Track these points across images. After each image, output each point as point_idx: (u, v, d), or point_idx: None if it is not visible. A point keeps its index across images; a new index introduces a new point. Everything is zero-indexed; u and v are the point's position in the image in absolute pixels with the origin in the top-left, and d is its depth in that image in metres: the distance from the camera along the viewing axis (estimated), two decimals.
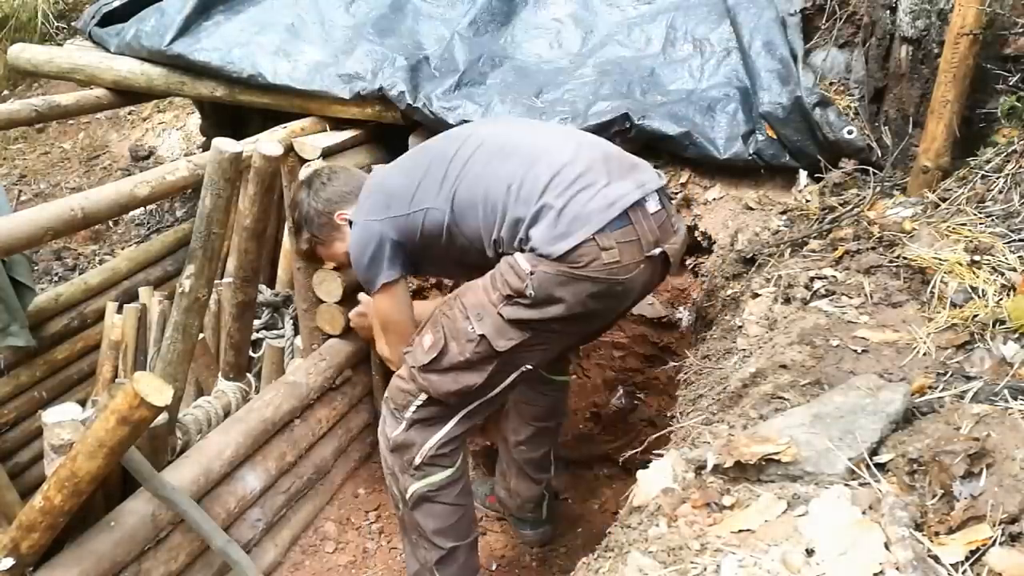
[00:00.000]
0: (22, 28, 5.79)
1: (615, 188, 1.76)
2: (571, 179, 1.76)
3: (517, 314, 1.77)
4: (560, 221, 1.72)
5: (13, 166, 5.36)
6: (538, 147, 1.86)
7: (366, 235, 1.91)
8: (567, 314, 1.76)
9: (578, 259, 1.71)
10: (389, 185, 1.95)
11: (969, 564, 0.88)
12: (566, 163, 1.79)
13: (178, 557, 1.98)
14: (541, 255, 1.73)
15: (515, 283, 1.75)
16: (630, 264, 1.75)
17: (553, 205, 1.74)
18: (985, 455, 0.99)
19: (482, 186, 1.83)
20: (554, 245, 1.71)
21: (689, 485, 1.12)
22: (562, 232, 1.71)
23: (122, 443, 1.55)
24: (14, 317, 2.85)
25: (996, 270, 1.55)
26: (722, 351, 1.84)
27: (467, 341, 1.81)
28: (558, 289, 1.73)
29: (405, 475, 1.98)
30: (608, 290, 1.76)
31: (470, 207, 1.84)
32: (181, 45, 2.92)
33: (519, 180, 1.80)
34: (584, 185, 1.75)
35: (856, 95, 2.40)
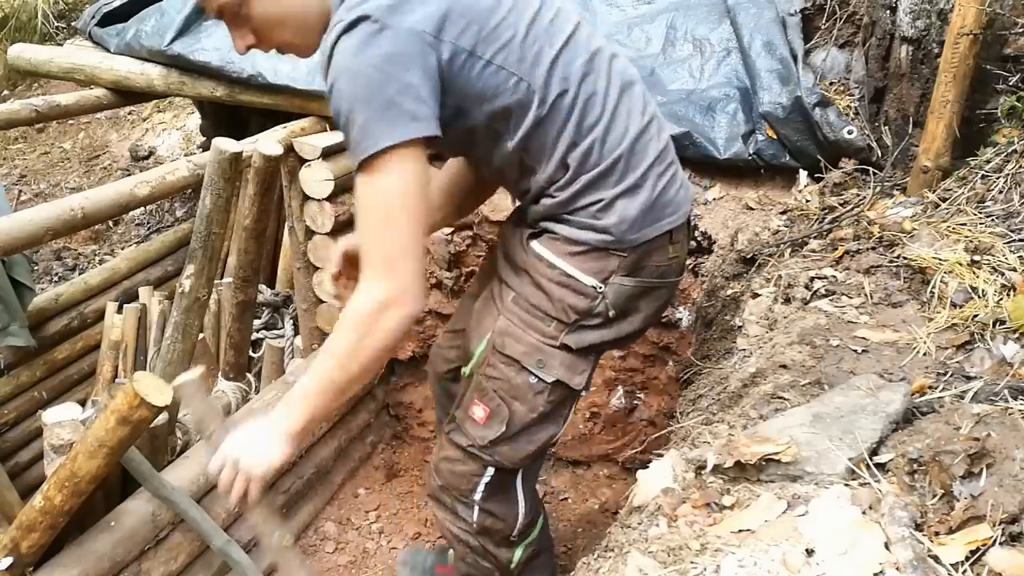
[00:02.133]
0: (22, 28, 5.79)
1: (682, 172, 1.50)
2: (673, 152, 1.47)
3: (588, 339, 1.45)
4: (659, 201, 1.39)
5: (13, 166, 5.36)
6: (637, 90, 1.44)
7: (407, 50, 1.19)
8: (636, 329, 1.50)
9: (648, 252, 1.41)
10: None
11: (969, 564, 0.88)
12: (663, 126, 1.47)
13: (178, 557, 1.98)
14: (608, 236, 1.37)
15: (580, 304, 1.41)
16: (684, 258, 1.53)
17: (657, 177, 1.40)
18: (985, 455, 0.99)
19: (590, 89, 1.35)
20: (641, 230, 1.38)
21: (689, 485, 1.12)
22: (655, 217, 1.39)
23: (122, 443, 1.55)
24: (14, 317, 2.85)
25: (996, 270, 1.55)
26: (722, 351, 1.84)
27: (536, 395, 1.47)
28: (634, 301, 1.45)
29: (504, 548, 1.66)
30: (672, 293, 1.54)
31: (565, 110, 1.33)
32: (181, 45, 2.92)
33: (637, 122, 1.39)
34: (673, 160, 1.47)
35: (856, 95, 2.40)
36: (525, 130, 1.33)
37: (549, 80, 1.31)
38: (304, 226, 2.59)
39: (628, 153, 1.37)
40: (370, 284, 1.24)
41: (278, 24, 1.33)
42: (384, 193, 1.21)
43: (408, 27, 1.19)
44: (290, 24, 1.33)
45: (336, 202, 2.52)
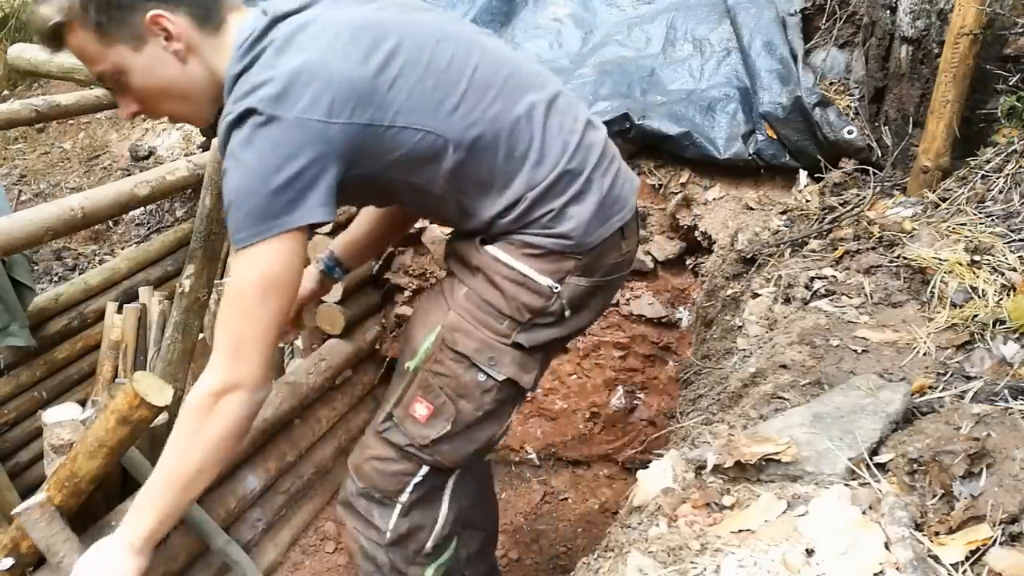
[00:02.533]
0: (22, 28, 5.79)
1: (625, 166, 1.50)
2: (612, 149, 1.46)
3: (540, 337, 1.44)
4: (607, 200, 1.39)
5: (13, 166, 5.36)
6: (561, 101, 1.43)
7: (294, 139, 1.17)
8: (583, 325, 1.53)
9: (603, 252, 1.42)
10: (338, 72, 1.20)
11: (969, 564, 0.88)
12: (597, 124, 1.48)
13: (178, 557, 1.98)
14: (567, 241, 1.37)
15: (535, 303, 1.40)
16: (635, 251, 1.55)
17: (601, 177, 1.40)
18: (985, 455, 0.99)
19: (510, 119, 1.33)
20: (596, 232, 1.38)
21: (689, 485, 1.12)
22: (605, 215, 1.40)
23: (122, 443, 1.55)
24: (14, 317, 2.85)
25: (996, 270, 1.55)
26: (722, 351, 1.84)
27: (483, 393, 1.44)
28: (589, 299, 1.46)
29: (413, 566, 1.57)
30: (618, 289, 1.64)
31: (488, 149, 1.32)
32: None
33: (572, 132, 1.39)
34: (613, 156, 1.46)
35: (856, 95, 2.40)
36: (448, 177, 1.33)
37: (458, 126, 1.29)
38: None
39: (569, 165, 1.36)
40: (212, 370, 1.23)
41: (161, 96, 1.32)
42: (250, 284, 1.21)
43: (296, 116, 1.17)
44: (174, 96, 1.32)
45: None
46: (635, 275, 2.77)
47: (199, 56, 1.29)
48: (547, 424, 2.97)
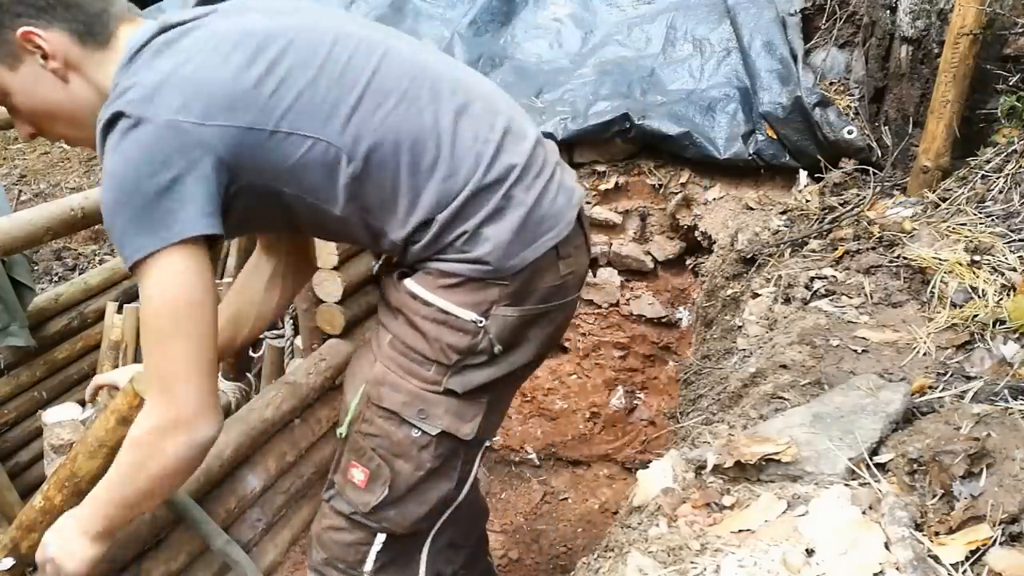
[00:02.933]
0: None
1: (566, 176, 1.33)
2: (541, 159, 1.28)
3: (475, 380, 1.28)
4: (532, 217, 1.23)
5: (13, 166, 5.36)
6: (484, 89, 1.31)
7: (166, 143, 1.06)
8: (528, 360, 1.33)
9: (533, 276, 1.25)
10: (216, 75, 1.11)
11: (969, 564, 0.88)
12: (524, 132, 1.29)
13: (178, 557, 1.98)
14: (484, 267, 1.22)
15: (460, 343, 1.25)
16: (582, 271, 1.36)
17: (525, 192, 1.23)
18: (985, 455, 0.99)
19: (413, 127, 1.19)
20: (519, 254, 1.22)
21: (689, 485, 1.12)
22: (531, 235, 1.23)
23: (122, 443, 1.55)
24: (14, 317, 2.85)
25: (996, 270, 1.55)
26: (722, 351, 1.84)
27: (420, 450, 1.30)
28: (524, 330, 1.29)
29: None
30: (569, 313, 1.38)
31: (388, 161, 1.18)
32: None
33: (483, 137, 1.22)
34: (543, 167, 1.28)
35: (856, 95, 2.40)
36: (347, 194, 1.19)
37: (352, 134, 1.16)
38: None
39: (484, 179, 1.21)
40: (150, 406, 1.14)
41: (48, 118, 1.22)
42: (155, 313, 1.09)
43: (167, 119, 1.06)
44: (62, 118, 1.22)
45: None
46: (635, 275, 2.77)
47: (82, 74, 1.17)
48: (547, 424, 2.97)
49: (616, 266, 2.77)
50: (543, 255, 1.24)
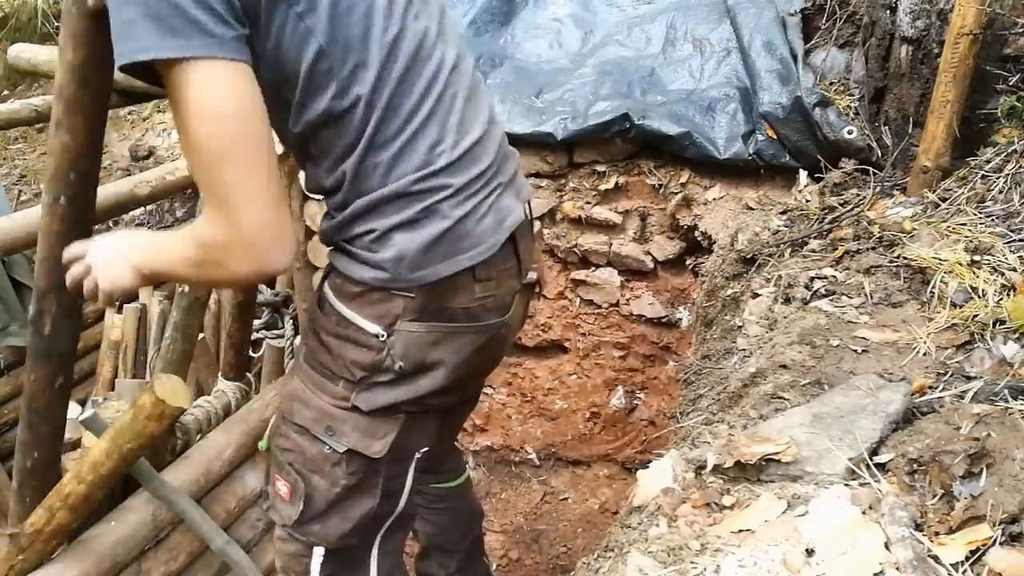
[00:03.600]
0: (22, 28, 5.79)
1: (507, 197, 1.25)
2: (487, 178, 1.21)
3: (381, 400, 1.22)
4: (449, 236, 1.16)
5: (13, 166, 5.36)
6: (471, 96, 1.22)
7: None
8: (443, 384, 1.24)
9: (443, 294, 1.18)
10: None
11: (969, 564, 0.88)
12: (486, 152, 1.21)
13: (178, 557, 1.98)
14: (382, 273, 1.15)
15: (364, 359, 1.19)
16: (505, 296, 1.27)
17: (456, 206, 1.16)
18: (985, 455, 0.99)
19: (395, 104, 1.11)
20: (427, 268, 1.15)
21: (689, 485, 1.12)
22: (447, 252, 1.16)
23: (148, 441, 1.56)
24: (14, 317, 2.86)
25: (996, 270, 1.55)
26: (722, 351, 1.84)
27: (333, 467, 1.26)
28: (433, 351, 1.21)
29: None
30: (494, 338, 1.29)
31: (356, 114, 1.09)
32: None
33: (439, 149, 1.15)
34: (486, 185, 1.21)
35: (856, 95, 2.40)
36: (314, 116, 1.10)
37: (358, 70, 1.07)
38: (304, 226, 2.59)
39: (411, 187, 1.13)
40: (210, 220, 1.01)
41: None
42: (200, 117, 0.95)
43: None
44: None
45: None
46: (635, 275, 2.77)
47: None
48: (547, 424, 2.97)
49: (616, 266, 2.77)
50: (456, 274, 1.17)
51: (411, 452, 1.30)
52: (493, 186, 1.22)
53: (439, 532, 1.82)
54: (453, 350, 1.22)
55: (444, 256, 1.16)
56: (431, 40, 1.16)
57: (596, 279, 2.80)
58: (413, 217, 1.14)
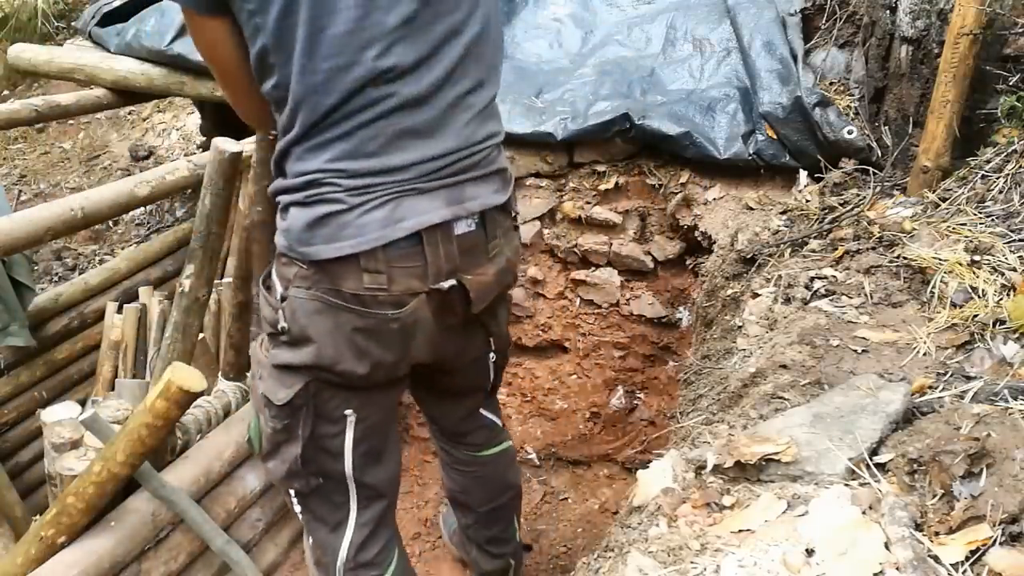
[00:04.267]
0: (22, 28, 5.79)
1: (427, 200, 1.30)
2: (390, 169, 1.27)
3: (281, 358, 1.37)
4: (335, 221, 1.26)
5: (13, 166, 5.36)
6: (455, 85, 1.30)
7: None
8: (325, 361, 1.33)
9: (333, 274, 1.28)
10: None
11: (969, 564, 0.88)
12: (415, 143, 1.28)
13: (178, 557, 1.98)
14: (283, 241, 1.31)
15: (268, 316, 1.37)
16: (401, 294, 1.31)
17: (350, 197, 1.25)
18: (985, 455, 0.99)
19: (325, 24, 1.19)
20: (310, 247, 1.27)
21: (689, 485, 1.12)
22: (326, 235, 1.26)
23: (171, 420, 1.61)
24: (14, 317, 2.85)
25: (996, 270, 1.55)
26: (722, 351, 1.84)
27: (264, 407, 1.43)
28: (311, 321, 1.31)
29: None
30: (377, 327, 1.32)
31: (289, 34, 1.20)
32: (181, 45, 2.92)
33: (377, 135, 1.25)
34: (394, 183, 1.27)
35: (856, 95, 2.40)
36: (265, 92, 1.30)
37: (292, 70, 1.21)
38: None
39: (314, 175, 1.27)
40: None
41: None
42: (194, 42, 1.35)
43: None
44: None
45: None
46: (635, 275, 2.77)
47: None
48: (547, 424, 2.97)
49: (616, 266, 2.77)
50: (339, 258, 1.27)
51: (335, 414, 1.42)
52: (408, 187, 1.28)
53: (460, 491, 1.99)
54: (333, 325, 1.31)
55: (325, 239, 1.27)
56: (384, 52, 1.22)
57: (596, 279, 2.80)
58: (304, 199, 1.28)
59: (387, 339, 1.36)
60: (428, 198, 1.30)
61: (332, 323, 1.31)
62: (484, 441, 1.91)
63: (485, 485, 1.97)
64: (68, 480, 1.68)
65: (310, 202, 1.27)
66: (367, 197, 1.26)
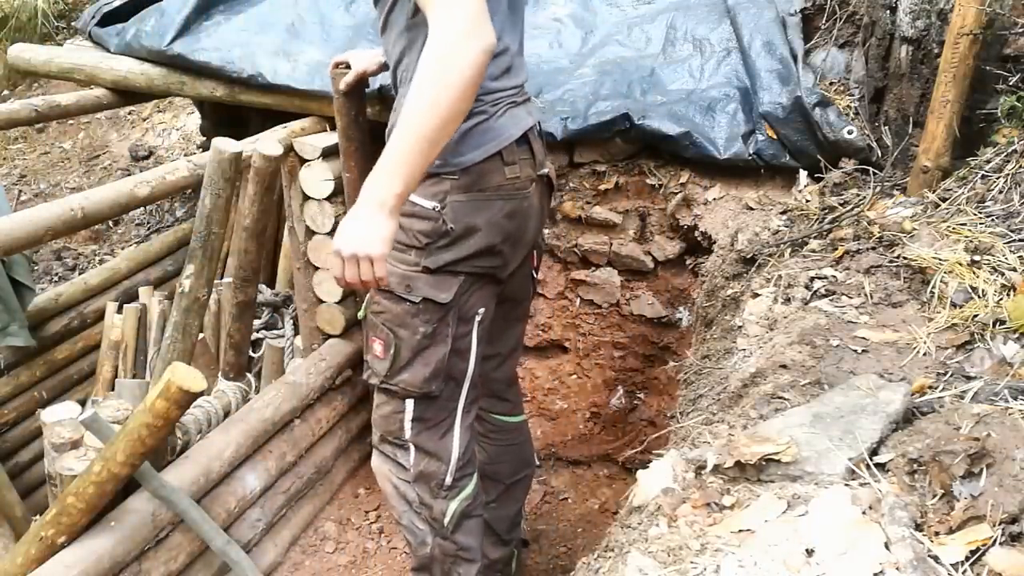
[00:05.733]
0: (22, 28, 5.79)
1: (520, 109, 1.66)
2: (516, 83, 1.66)
3: (442, 259, 1.60)
4: (478, 130, 1.57)
5: (13, 166, 5.36)
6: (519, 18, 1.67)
7: None
8: (486, 244, 1.62)
9: (481, 174, 1.58)
10: None
11: (969, 564, 0.88)
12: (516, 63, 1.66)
13: (178, 557, 1.98)
14: (442, 164, 1.54)
15: (426, 228, 1.58)
16: (527, 180, 1.66)
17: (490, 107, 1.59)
18: (985, 455, 0.99)
19: None
20: (464, 155, 1.56)
21: (689, 485, 1.12)
22: (476, 143, 1.57)
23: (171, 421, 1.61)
24: (14, 317, 2.86)
25: (996, 270, 1.55)
26: (722, 351, 1.84)
27: (412, 317, 1.63)
28: (473, 216, 1.59)
29: (439, 499, 1.78)
30: (517, 207, 1.65)
31: None
32: (181, 45, 2.91)
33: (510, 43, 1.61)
34: (509, 96, 1.63)
35: (856, 95, 2.40)
36: None
37: None
38: (304, 226, 2.59)
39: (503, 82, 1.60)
40: (439, 22, 1.29)
41: None
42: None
43: None
44: None
45: (336, 202, 2.52)
46: (635, 275, 2.77)
47: None
48: (547, 424, 2.97)
49: (616, 266, 2.77)
50: (487, 158, 1.56)
51: (471, 312, 1.68)
52: (514, 99, 1.64)
53: (489, 462, 2.11)
54: (489, 214, 1.60)
55: (474, 147, 1.56)
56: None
57: (596, 279, 2.80)
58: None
59: (522, 217, 1.68)
60: (521, 108, 1.66)
61: (489, 212, 1.60)
62: (515, 402, 2.14)
63: (514, 455, 2.15)
64: (68, 480, 1.68)
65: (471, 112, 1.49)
66: (495, 108, 1.59)
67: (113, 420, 1.77)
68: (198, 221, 2.08)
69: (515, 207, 1.65)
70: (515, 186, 1.63)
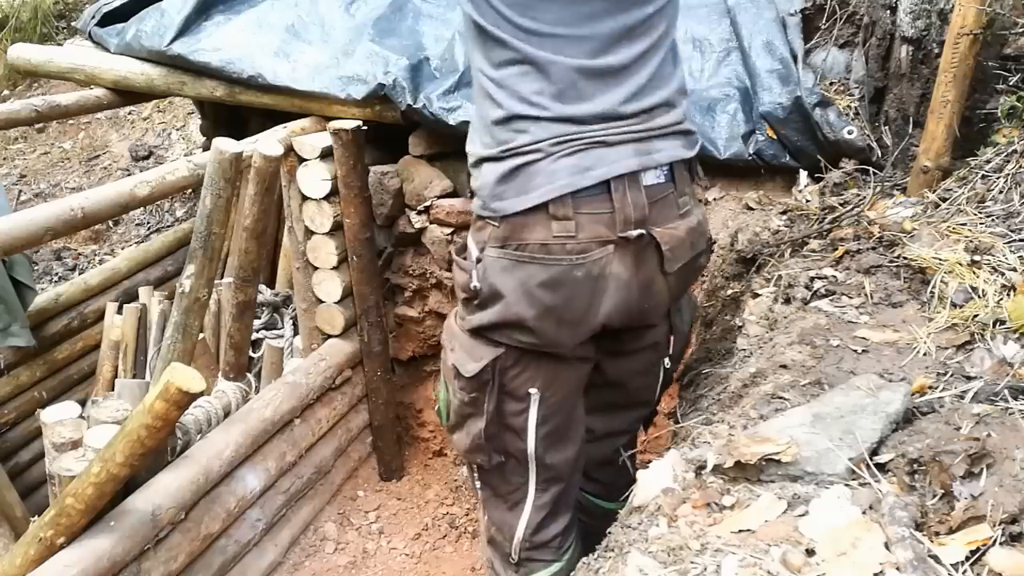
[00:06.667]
0: (22, 28, 5.79)
1: (616, 151, 1.30)
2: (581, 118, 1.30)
3: (472, 321, 1.37)
4: (526, 171, 1.28)
5: (13, 166, 5.36)
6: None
7: None
8: (512, 316, 1.32)
9: (522, 226, 1.28)
10: None
11: (969, 564, 0.88)
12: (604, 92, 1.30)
13: (178, 557, 1.98)
14: (479, 200, 1.32)
15: (462, 279, 1.36)
16: (589, 241, 1.29)
17: (529, 149, 1.28)
18: (985, 455, 0.99)
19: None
20: (504, 200, 1.28)
21: (689, 485, 1.12)
22: (520, 188, 1.28)
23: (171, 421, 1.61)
24: (14, 317, 2.85)
25: (996, 270, 1.55)
26: (722, 351, 1.83)
27: (454, 378, 1.42)
28: (500, 277, 1.31)
29: (508, 571, 1.62)
30: (564, 276, 1.30)
31: None
32: (181, 45, 2.92)
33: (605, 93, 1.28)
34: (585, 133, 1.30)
35: (856, 95, 2.40)
36: None
37: None
38: (303, 226, 2.59)
39: (507, 123, 1.28)
40: None
41: None
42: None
43: None
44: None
45: (334, 202, 2.52)
46: None
47: None
48: None
49: None
50: (530, 209, 1.27)
51: (520, 391, 1.41)
52: (600, 137, 1.29)
53: None
54: (519, 279, 1.30)
55: (517, 192, 1.28)
56: None
57: None
58: (497, 154, 1.29)
59: (571, 289, 1.32)
60: (622, 148, 1.30)
61: (519, 278, 1.30)
62: (608, 485, 1.78)
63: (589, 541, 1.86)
64: (67, 481, 1.68)
65: (502, 156, 1.29)
66: (561, 148, 1.28)
67: (113, 420, 1.77)
68: (198, 221, 2.08)
69: (560, 275, 1.30)
70: (566, 248, 1.28)
